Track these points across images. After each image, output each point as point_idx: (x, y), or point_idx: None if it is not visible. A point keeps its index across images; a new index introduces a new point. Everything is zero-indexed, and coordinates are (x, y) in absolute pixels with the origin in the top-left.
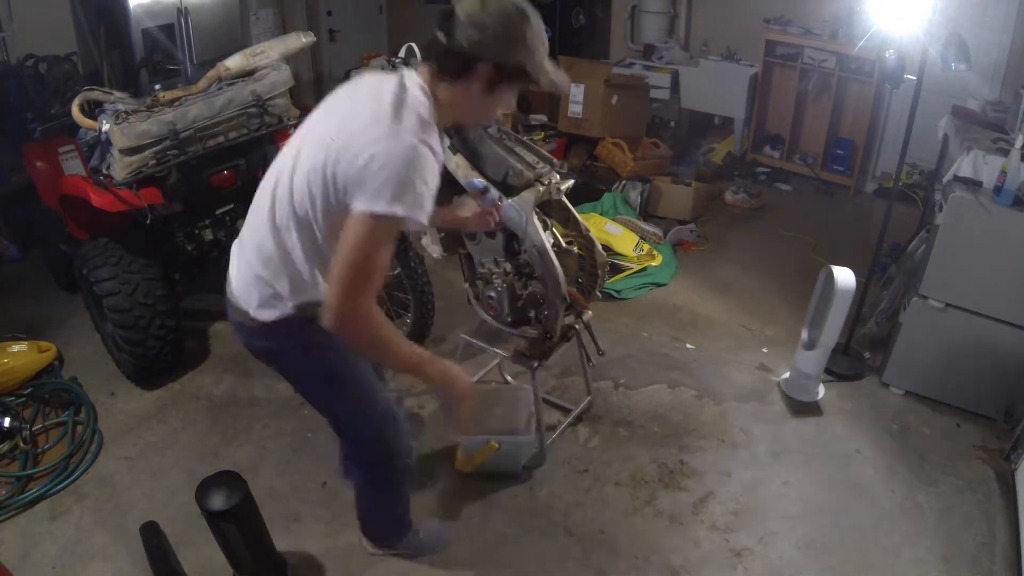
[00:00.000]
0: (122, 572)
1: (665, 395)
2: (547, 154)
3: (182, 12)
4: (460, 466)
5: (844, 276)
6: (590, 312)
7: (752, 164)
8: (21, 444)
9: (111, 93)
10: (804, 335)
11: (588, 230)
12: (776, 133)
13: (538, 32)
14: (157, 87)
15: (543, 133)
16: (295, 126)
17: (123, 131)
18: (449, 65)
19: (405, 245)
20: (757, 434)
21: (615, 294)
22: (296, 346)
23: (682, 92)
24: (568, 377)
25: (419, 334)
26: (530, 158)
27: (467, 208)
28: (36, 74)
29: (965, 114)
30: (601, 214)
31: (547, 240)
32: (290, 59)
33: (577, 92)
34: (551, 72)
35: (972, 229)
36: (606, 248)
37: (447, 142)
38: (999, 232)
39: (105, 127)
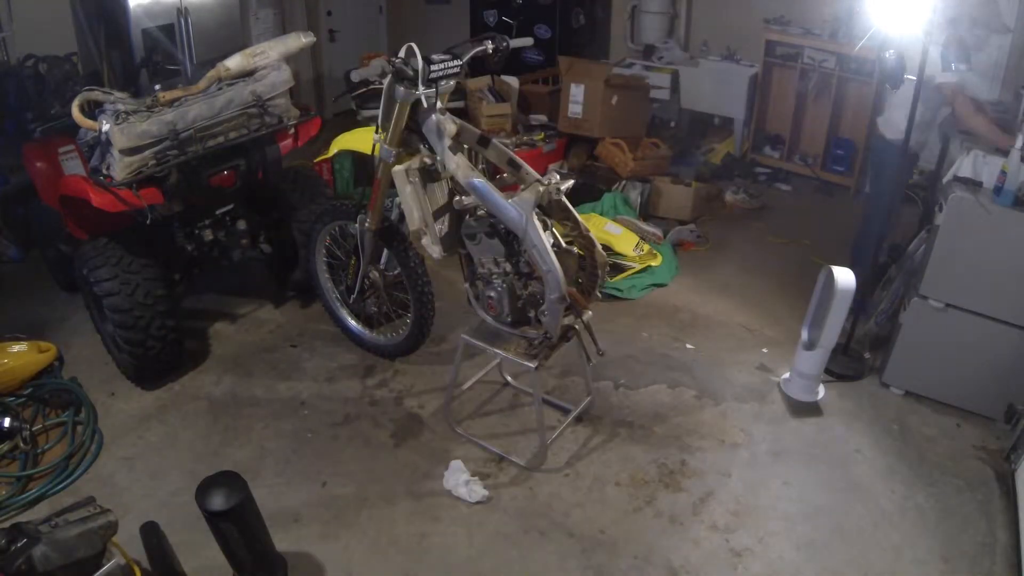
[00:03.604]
0: None
1: (665, 395)
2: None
3: (182, 12)
4: None
5: (844, 276)
6: (590, 312)
7: (752, 164)
8: (21, 444)
9: (111, 93)
10: (804, 335)
11: (588, 230)
12: (776, 133)
13: None
14: (157, 87)
15: (543, 133)
16: (295, 126)
17: (123, 131)
18: None
19: (405, 245)
20: (757, 434)
21: (617, 293)
22: None
23: (682, 92)
24: (568, 377)
25: (419, 334)
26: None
27: None
28: (36, 74)
29: None
30: (601, 214)
31: (547, 240)
32: (290, 59)
33: (577, 92)
34: None
35: (972, 229)
36: (606, 248)
37: (447, 142)
38: (999, 232)
39: (105, 127)
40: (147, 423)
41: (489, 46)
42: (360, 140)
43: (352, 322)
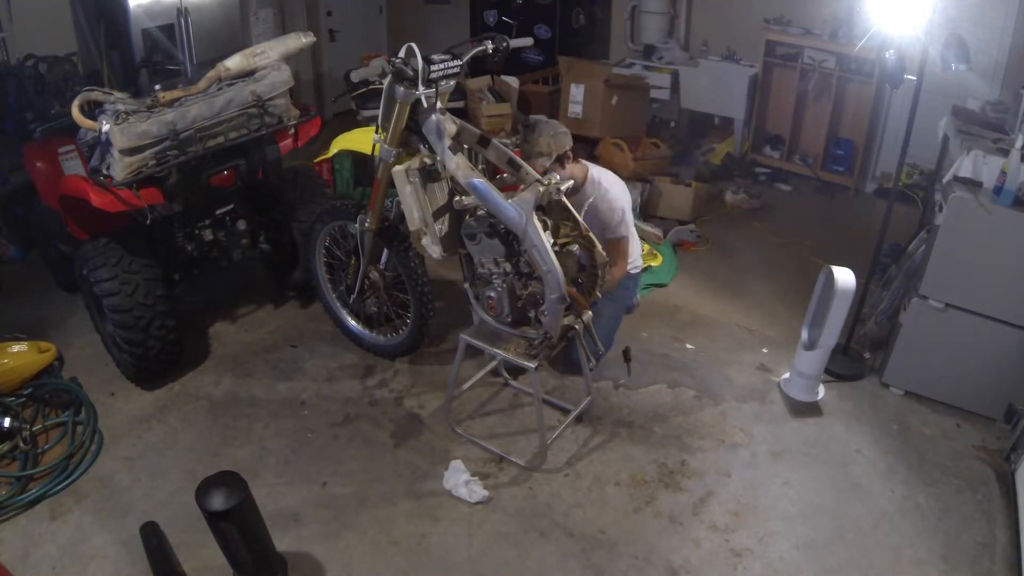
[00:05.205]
0: (122, 572)
1: (665, 395)
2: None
3: (182, 12)
4: None
5: (844, 276)
6: (590, 312)
7: (752, 164)
8: (21, 444)
9: (111, 93)
10: (804, 335)
11: (588, 230)
12: (776, 133)
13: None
14: (157, 87)
15: None
16: (295, 126)
17: (123, 131)
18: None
19: (405, 245)
20: (757, 434)
21: None
22: None
23: (682, 92)
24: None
25: (418, 334)
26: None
27: None
28: (36, 74)
29: (965, 114)
30: None
31: (547, 240)
32: (290, 59)
33: (577, 92)
34: None
35: (972, 229)
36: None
37: (447, 142)
38: (999, 232)
39: (105, 127)
40: (147, 423)
41: (489, 46)
42: (360, 140)
43: (352, 322)
